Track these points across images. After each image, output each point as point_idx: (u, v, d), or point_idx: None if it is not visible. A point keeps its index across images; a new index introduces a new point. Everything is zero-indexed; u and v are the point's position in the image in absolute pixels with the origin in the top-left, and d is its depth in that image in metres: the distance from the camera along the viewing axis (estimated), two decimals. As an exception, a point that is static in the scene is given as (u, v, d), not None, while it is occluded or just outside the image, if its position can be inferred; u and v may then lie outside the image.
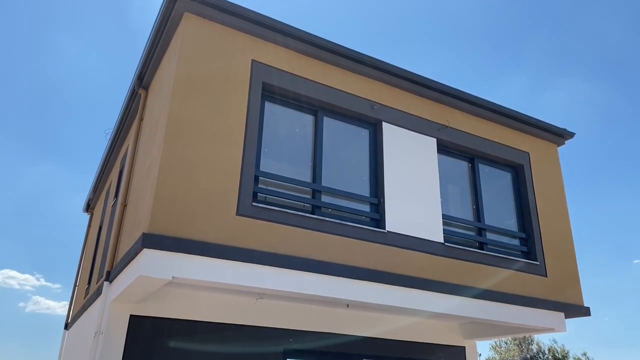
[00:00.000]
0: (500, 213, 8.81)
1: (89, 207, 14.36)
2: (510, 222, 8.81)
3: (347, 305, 7.81)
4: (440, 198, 7.87)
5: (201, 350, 7.12)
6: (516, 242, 8.67)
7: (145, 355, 6.75)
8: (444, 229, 7.71)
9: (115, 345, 6.58)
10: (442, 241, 7.55)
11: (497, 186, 9.03)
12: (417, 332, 9.01)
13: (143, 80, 8.16)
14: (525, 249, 8.55)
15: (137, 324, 6.81)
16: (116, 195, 9.06)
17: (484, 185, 8.70)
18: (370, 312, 8.42)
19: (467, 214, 8.43)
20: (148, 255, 5.40)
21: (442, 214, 7.78)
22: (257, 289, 6.23)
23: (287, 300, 7.62)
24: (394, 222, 7.25)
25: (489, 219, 8.47)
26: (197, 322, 7.22)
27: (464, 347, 9.48)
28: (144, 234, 5.41)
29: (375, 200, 7.41)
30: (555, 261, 8.52)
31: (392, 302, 6.88)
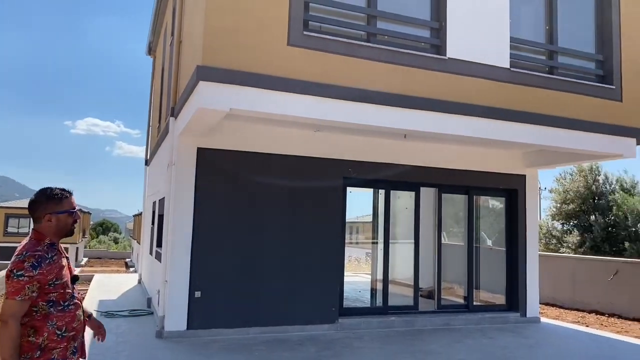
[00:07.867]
0: (577, 34, 7.99)
1: (150, 50, 14.57)
2: (587, 44, 8.01)
3: (405, 136, 7.83)
4: (510, 19, 7.18)
5: (265, 179, 7.58)
6: (591, 65, 7.98)
7: (215, 184, 7.31)
8: (511, 53, 7.17)
9: (187, 174, 7.15)
10: (508, 66, 7.08)
11: (577, 2, 8.06)
12: (475, 161, 9.04)
13: None
14: (600, 72, 7.89)
15: (204, 155, 7.27)
16: (172, 34, 9.03)
17: (561, 2, 7.78)
18: (428, 142, 8.43)
19: (539, 36, 7.73)
20: (205, 88, 5.50)
21: (510, 37, 7.18)
22: (313, 120, 6.31)
23: (344, 132, 7.73)
24: (455, 48, 6.81)
25: (562, 41, 7.73)
26: (260, 154, 7.59)
27: (524, 175, 9.48)
28: (198, 66, 5.45)
29: (436, 25, 6.90)
30: (633, 85, 7.86)
31: (451, 130, 6.79)
